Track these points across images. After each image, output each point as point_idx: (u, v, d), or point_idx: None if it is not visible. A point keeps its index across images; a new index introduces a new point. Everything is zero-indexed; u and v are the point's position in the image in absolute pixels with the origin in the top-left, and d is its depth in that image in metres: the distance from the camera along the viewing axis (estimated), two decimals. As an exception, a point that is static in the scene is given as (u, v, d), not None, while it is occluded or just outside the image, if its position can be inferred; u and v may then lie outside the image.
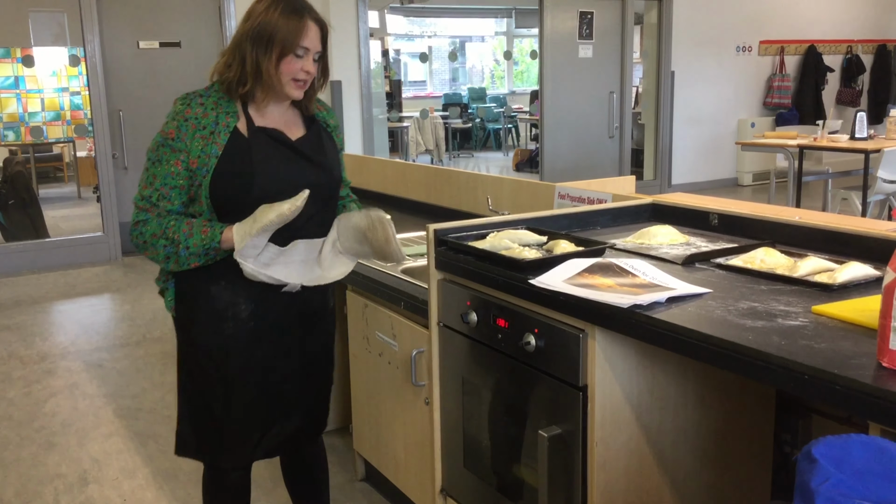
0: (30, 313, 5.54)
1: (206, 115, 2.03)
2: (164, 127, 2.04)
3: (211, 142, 2.01)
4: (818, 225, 2.21)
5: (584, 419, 1.88)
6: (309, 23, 2.01)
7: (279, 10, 1.99)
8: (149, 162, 2.05)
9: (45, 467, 3.30)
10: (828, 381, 1.32)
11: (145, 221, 2.05)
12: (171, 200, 2.03)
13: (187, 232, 2.01)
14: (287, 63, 2.01)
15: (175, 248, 2.02)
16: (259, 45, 1.99)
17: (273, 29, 1.98)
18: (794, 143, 7.05)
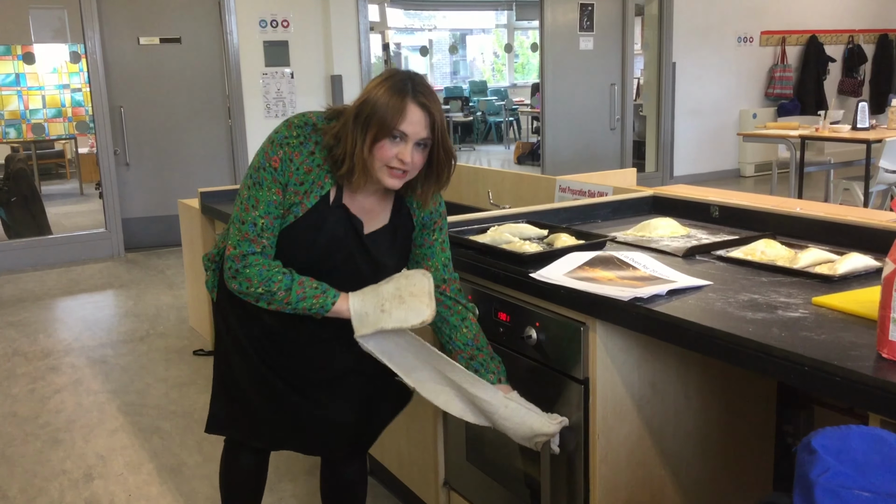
0: (33, 310, 5.55)
1: (309, 169, 1.89)
2: (268, 147, 1.90)
3: (301, 199, 1.90)
4: (818, 216, 2.21)
5: (586, 412, 1.89)
6: (410, 105, 1.82)
7: (384, 88, 1.83)
8: (250, 181, 1.90)
9: (49, 463, 3.32)
10: (828, 373, 1.33)
11: (249, 257, 1.88)
12: (272, 232, 1.90)
13: (300, 295, 1.88)
14: (381, 147, 1.83)
15: (276, 303, 1.90)
16: (358, 123, 1.83)
17: (373, 108, 1.81)
18: (795, 133, 7.04)
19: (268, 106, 7.47)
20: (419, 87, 1.85)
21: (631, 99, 9.21)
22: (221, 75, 7.40)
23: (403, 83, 1.84)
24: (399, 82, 1.84)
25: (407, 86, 1.83)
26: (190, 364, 4.39)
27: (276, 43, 7.45)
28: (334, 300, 1.90)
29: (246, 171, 1.98)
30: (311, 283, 1.91)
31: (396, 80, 1.84)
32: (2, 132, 7.24)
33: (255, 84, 7.42)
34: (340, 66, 7.69)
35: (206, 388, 4.02)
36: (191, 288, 4.95)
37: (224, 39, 7.29)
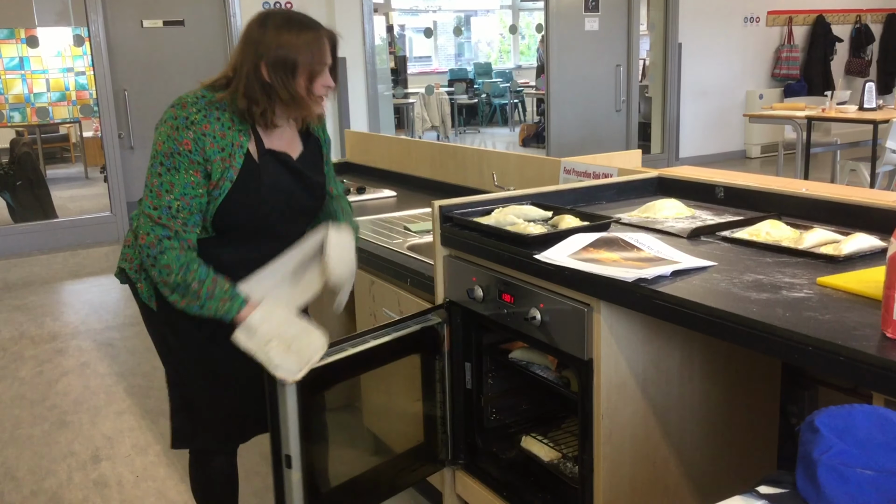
0: (40, 293, 5.58)
1: (223, 134, 1.94)
2: (172, 133, 1.92)
3: (229, 165, 1.94)
4: (824, 197, 2.20)
5: (590, 392, 1.89)
6: (323, 39, 1.97)
7: (293, 31, 1.92)
8: (161, 168, 1.91)
9: (57, 445, 3.34)
10: (832, 353, 1.33)
11: (164, 241, 1.90)
12: (191, 212, 1.92)
13: (209, 292, 1.93)
14: (316, 85, 1.96)
15: (189, 297, 1.93)
16: (283, 73, 1.91)
17: (295, 54, 1.91)
18: (802, 114, 7.01)
19: (272, 89, 7.45)
20: (310, 19, 1.99)
21: (636, 80, 9.16)
22: (225, 58, 7.36)
23: (303, 22, 1.95)
24: (299, 22, 1.94)
25: (306, 23, 1.95)
26: (196, 347, 4.40)
27: (280, 25, 7.41)
28: (240, 308, 1.95)
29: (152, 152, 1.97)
30: (223, 285, 1.95)
31: (293, 21, 1.94)
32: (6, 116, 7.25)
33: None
34: (344, 48, 7.54)
35: (213, 371, 4.04)
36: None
37: (227, 22, 7.26)
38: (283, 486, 2.00)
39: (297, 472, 1.98)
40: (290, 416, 1.95)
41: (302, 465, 1.99)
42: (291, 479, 1.99)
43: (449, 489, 2.48)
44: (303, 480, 2.00)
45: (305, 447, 1.99)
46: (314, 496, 2.05)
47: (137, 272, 2.08)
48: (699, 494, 2.07)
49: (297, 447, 1.98)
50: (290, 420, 1.95)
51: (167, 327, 2.10)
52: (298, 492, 2.00)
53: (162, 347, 2.17)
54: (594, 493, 1.94)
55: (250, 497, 2.86)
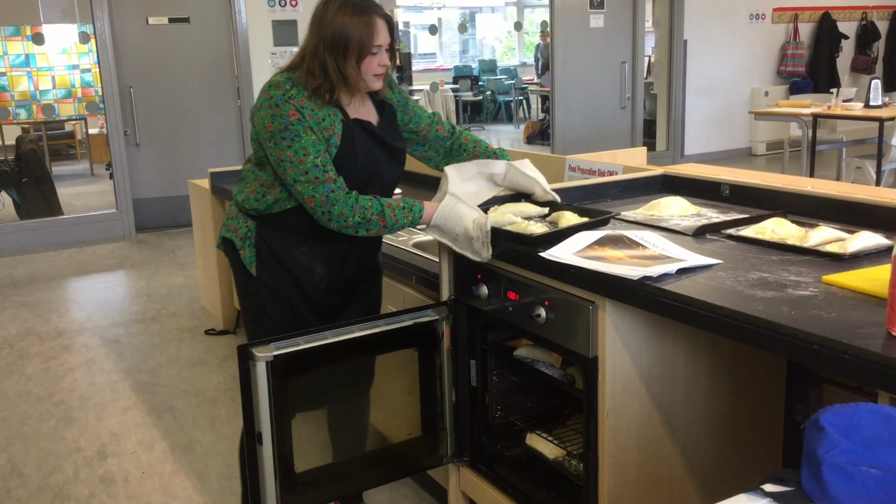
0: (45, 290, 5.60)
1: (319, 106, 2.12)
2: (276, 111, 2.08)
3: (332, 132, 2.13)
4: (830, 195, 2.20)
5: (595, 390, 1.89)
6: (377, 20, 2.10)
7: (348, 14, 2.08)
8: (284, 143, 2.08)
9: (64, 441, 3.36)
10: (837, 351, 1.33)
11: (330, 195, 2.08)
12: (331, 164, 2.11)
13: (392, 218, 2.13)
14: (366, 64, 2.11)
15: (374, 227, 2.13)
16: (337, 52, 2.09)
17: (347, 34, 2.07)
18: (807, 111, 6.99)
19: (277, 86, 7.45)
20: (369, 1, 2.12)
21: (642, 77, 9.15)
22: (230, 55, 7.38)
23: (358, 6, 2.09)
24: (354, 6, 2.08)
25: (361, 5, 2.09)
26: (202, 343, 4.42)
27: (285, 22, 7.42)
28: (420, 214, 2.16)
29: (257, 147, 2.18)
30: (398, 205, 2.15)
31: (349, 4, 2.09)
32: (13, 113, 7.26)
33: (264, 64, 7.40)
34: (349, 45, 7.64)
35: (218, 368, 4.06)
36: (202, 268, 4.97)
37: (232, 19, 7.27)
38: (255, 461, 2.09)
39: (267, 448, 2.07)
40: (262, 395, 2.05)
41: (273, 442, 2.07)
42: (263, 455, 2.08)
43: (454, 486, 2.49)
44: (274, 457, 2.08)
45: (277, 426, 2.08)
46: (287, 473, 2.13)
47: (243, 240, 2.29)
48: (704, 492, 2.07)
49: (268, 425, 2.06)
50: (262, 399, 2.05)
51: (265, 290, 2.29)
52: (270, 468, 2.08)
53: (252, 310, 2.36)
54: (599, 491, 1.95)
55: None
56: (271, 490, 2.10)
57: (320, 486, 2.26)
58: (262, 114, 2.13)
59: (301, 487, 2.18)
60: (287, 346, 2.09)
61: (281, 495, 2.12)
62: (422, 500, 2.80)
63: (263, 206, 2.24)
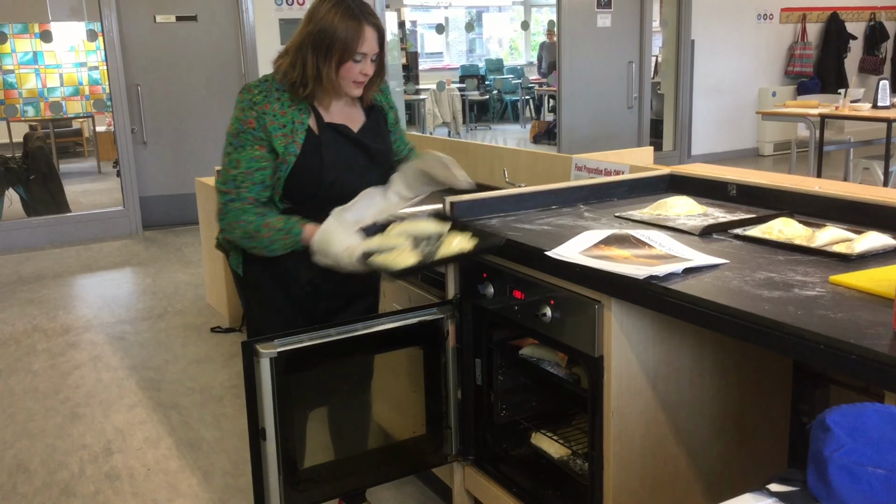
0: (52, 287, 5.61)
1: (283, 112, 2.11)
2: (239, 114, 2.11)
3: (291, 140, 2.11)
4: (837, 195, 2.19)
5: (600, 389, 1.89)
6: (366, 28, 2.07)
7: (339, 15, 2.05)
8: (230, 147, 2.12)
9: (70, 438, 3.37)
10: (844, 351, 1.32)
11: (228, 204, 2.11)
12: (253, 182, 2.10)
13: (269, 238, 2.11)
14: (346, 68, 2.09)
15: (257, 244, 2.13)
16: (319, 50, 2.06)
17: (332, 35, 2.05)
18: (815, 112, 6.97)
19: (284, 84, 7.45)
20: (365, 7, 2.09)
21: (649, 77, 9.13)
22: (237, 53, 7.39)
23: (352, 9, 2.06)
24: (347, 8, 2.05)
25: (356, 10, 2.06)
26: (207, 341, 4.43)
27: (292, 21, 7.42)
28: (298, 237, 2.10)
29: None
30: (275, 224, 2.11)
31: (343, 4, 2.05)
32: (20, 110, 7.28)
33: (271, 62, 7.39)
34: (356, 44, 7.64)
35: (224, 365, 4.07)
36: (208, 266, 4.99)
37: (240, 17, 7.28)
38: (259, 457, 2.10)
39: (271, 444, 2.08)
40: (266, 391, 2.05)
41: (277, 438, 2.08)
42: (267, 451, 2.08)
43: (458, 485, 2.49)
44: (278, 453, 2.09)
45: (281, 422, 2.09)
46: (291, 470, 2.14)
47: (228, 242, 2.28)
48: (709, 492, 2.07)
49: (272, 421, 2.07)
50: (266, 395, 2.06)
51: (251, 290, 2.32)
52: (274, 463, 2.09)
53: (247, 308, 2.39)
54: (604, 490, 1.94)
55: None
56: (275, 486, 2.11)
57: (324, 482, 2.27)
58: (232, 116, 2.16)
59: (305, 484, 2.19)
60: (291, 342, 2.09)
61: (284, 491, 2.12)
62: (426, 498, 2.80)
63: None
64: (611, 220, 2.29)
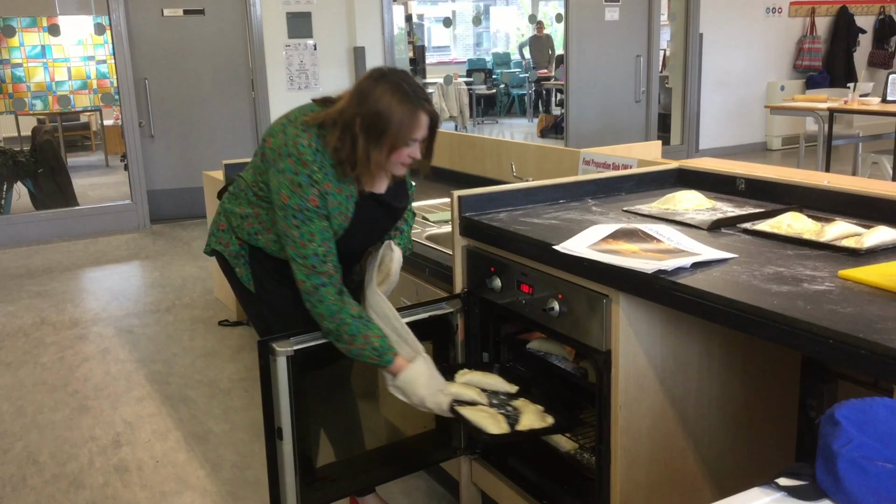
0: (61, 280, 5.63)
1: (339, 189, 2.05)
2: (296, 188, 2.00)
3: (345, 217, 2.09)
4: (846, 189, 2.19)
5: (608, 384, 1.89)
6: (421, 114, 2.00)
7: (395, 99, 1.97)
8: (296, 221, 2.01)
9: (79, 430, 3.38)
10: (853, 346, 1.32)
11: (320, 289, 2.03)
12: (333, 253, 2.06)
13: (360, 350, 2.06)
14: (397, 154, 2.02)
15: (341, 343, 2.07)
16: (371, 134, 1.98)
17: (387, 120, 1.97)
18: (824, 106, 6.94)
19: (291, 78, 7.47)
20: (420, 92, 2.02)
21: (657, 71, 9.11)
22: (245, 47, 7.40)
23: (408, 94, 1.98)
24: (405, 93, 1.98)
25: (411, 95, 1.98)
26: (215, 334, 4.44)
27: (299, 14, 7.43)
28: (386, 366, 2.09)
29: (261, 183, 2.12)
30: (373, 342, 2.06)
31: (401, 89, 1.98)
32: (29, 104, 7.30)
33: (279, 56, 7.41)
34: (363, 37, 7.66)
35: (232, 358, 4.08)
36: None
37: (247, 11, 7.28)
38: (275, 457, 2.09)
39: (288, 443, 2.07)
40: (282, 390, 2.04)
41: (293, 437, 2.07)
42: (283, 450, 2.07)
43: (465, 478, 2.49)
44: (294, 453, 2.08)
45: (297, 421, 2.08)
46: (307, 468, 2.13)
47: (235, 258, 2.27)
48: (716, 486, 2.07)
49: (288, 420, 2.06)
50: (282, 394, 2.05)
51: (265, 307, 2.28)
52: (290, 462, 2.08)
53: (259, 324, 2.35)
54: (611, 484, 1.95)
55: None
56: (291, 486, 2.09)
57: (338, 481, 2.26)
58: (280, 179, 2.02)
59: (320, 483, 2.18)
60: (307, 340, 2.09)
61: (301, 491, 2.11)
62: (433, 492, 2.81)
63: (254, 242, 2.22)
64: (619, 215, 2.29)
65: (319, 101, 2.13)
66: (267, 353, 2.04)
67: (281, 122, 2.11)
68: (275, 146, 2.06)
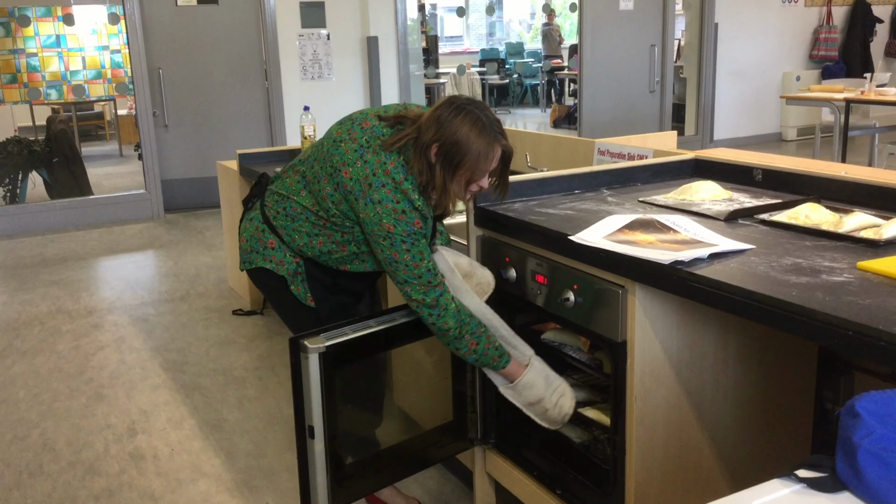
0: (76, 269, 5.67)
1: (428, 210, 2.08)
2: (402, 217, 2.03)
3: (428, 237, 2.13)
4: (864, 180, 2.17)
5: (623, 374, 1.89)
6: (498, 149, 2.02)
7: (474, 131, 1.97)
8: (405, 245, 2.04)
9: (94, 418, 3.41)
10: (873, 338, 1.31)
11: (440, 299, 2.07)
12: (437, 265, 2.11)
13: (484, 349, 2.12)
14: (470, 185, 2.06)
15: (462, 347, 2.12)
16: (448, 163, 2.00)
17: (465, 152, 1.97)
18: (840, 96, 6.88)
19: (304, 68, 7.47)
20: (497, 126, 2.02)
21: (671, 60, 9.05)
22: (258, 37, 7.40)
23: (486, 127, 1.98)
24: (483, 126, 1.98)
25: (490, 129, 1.99)
26: (229, 323, 4.45)
27: (313, 4, 7.42)
28: (506, 364, 2.16)
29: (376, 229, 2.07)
30: (494, 342, 2.14)
31: (479, 122, 1.98)
32: (43, 93, 7.33)
33: (292, 46, 7.41)
34: (376, 27, 7.64)
35: (246, 347, 4.09)
36: (229, 249, 5.01)
37: (260, 1, 7.27)
38: (306, 456, 2.07)
39: (319, 442, 2.05)
40: (314, 387, 2.03)
41: (325, 435, 2.06)
42: (315, 449, 2.06)
43: (479, 468, 2.50)
44: (326, 451, 2.06)
45: (328, 419, 2.06)
46: (337, 467, 2.11)
47: (293, 276, 2.27)
48: (732, 478, 2.06)
49: (320, 418, 2.05)
50: (314, 391, 2.03)
51: (325, 314, 2.29)
52: (321, 461, 2.06)
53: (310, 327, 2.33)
54: (626, 475, 1.95)
55: (283, 472, 2.90)
56: (322, 485, 2.07)
57: (365, 478, 2.25)
58: (379, 209, 2.02)
59: (349, 481, 2.15)
60: (337, 335, 2.06)
61: (332, 490, 2.08)
62: (447, 481, 2.82)
63: (325, 258, 2.24)
64: (634, 205, 2.28)
65: (385, 118, 2.12)
66: (298, 351, 2.01)
67: (351, 148, 2.07)
68: (358, 177, 2.04)
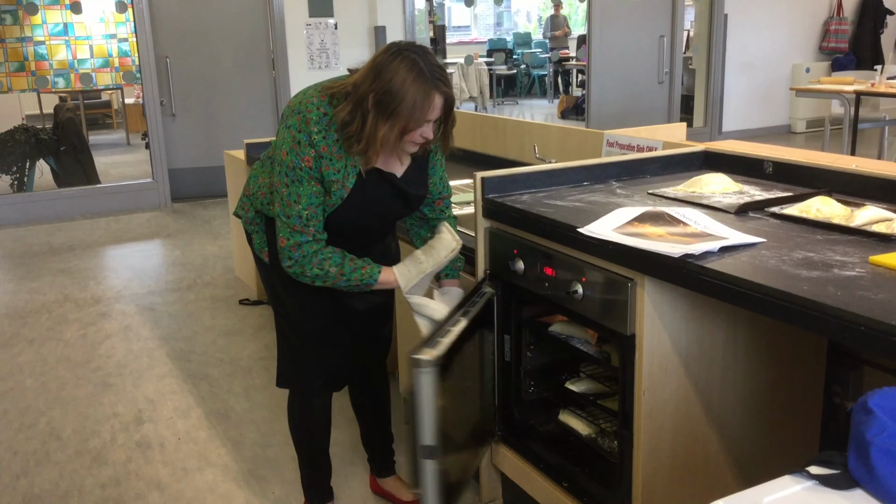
0: (83, 258, 5.68)
1: (339, 156, 2.02)
2: (295, 146, 2.00)
3: (341, 185, 2.05)
4: (876, 173, 2.15)
5: (632, 367, 1.88)
6: (436, 96, 1.94)
7: (410, 78, 1.90)
8: (287, 179, 2.02)
9: (101, 407, 3.41)
10: (885, 333, 1.30)
11: (304, 246, 2.04)
12: (318, 219, 2.05)
13: (351, 266, 2.08)
14: (409, 135, 1.98)
15: (331, 279, 2.08)
16: (382, 112, 1.93)
17: (400, 100, 1.91)
18: (850, 88, 6.83)
19: (311, 57, 7.45)
20: (437, 71, 1.94)
21: (680, 52, 8.99)
22: (265, 26, 7.38)
23: (424, 73, 1.91)
24: (420, 72, 1.91)
25: (427, 75, 1.92)
26: (236, 313, 4.46)
27: (320, -7, 7.40)
28: (380, 270, 2.12)
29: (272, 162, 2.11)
30: (357, 260, 2.11)
31: (417, 68, 1.91)
32: (51, 82, 7.33)
33: (299, 35, 7.39)
34: (384, 17, 7.62)
35: (253, 337, 4.10)
36: (236, 239, 5.01)
37: (268, -11, 7.26)
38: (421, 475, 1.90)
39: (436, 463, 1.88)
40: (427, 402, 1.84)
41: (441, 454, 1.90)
42: (427, 470, 1.89)
43: (486, 461, 2.49)
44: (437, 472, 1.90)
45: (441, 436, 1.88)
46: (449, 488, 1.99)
47: (251, 224, 2.27)
48: (740, 472, 2.05)
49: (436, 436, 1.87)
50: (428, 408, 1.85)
51: (277, 278, 2.25)
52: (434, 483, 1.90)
53: (272, 295, 2.35)
54: (633, 469, 1.94)
55: (290, 461, 2.90)
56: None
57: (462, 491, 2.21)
58: (284, 134, 2.03)
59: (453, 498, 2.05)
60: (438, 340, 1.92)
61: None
62: (453, 472, 2.82)
63: (266, 212, 2.19)
64: (644, 198, 2.27)
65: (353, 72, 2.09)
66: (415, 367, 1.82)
67: (310, 86, 2.11)
68: (292, 104, 2.07)
